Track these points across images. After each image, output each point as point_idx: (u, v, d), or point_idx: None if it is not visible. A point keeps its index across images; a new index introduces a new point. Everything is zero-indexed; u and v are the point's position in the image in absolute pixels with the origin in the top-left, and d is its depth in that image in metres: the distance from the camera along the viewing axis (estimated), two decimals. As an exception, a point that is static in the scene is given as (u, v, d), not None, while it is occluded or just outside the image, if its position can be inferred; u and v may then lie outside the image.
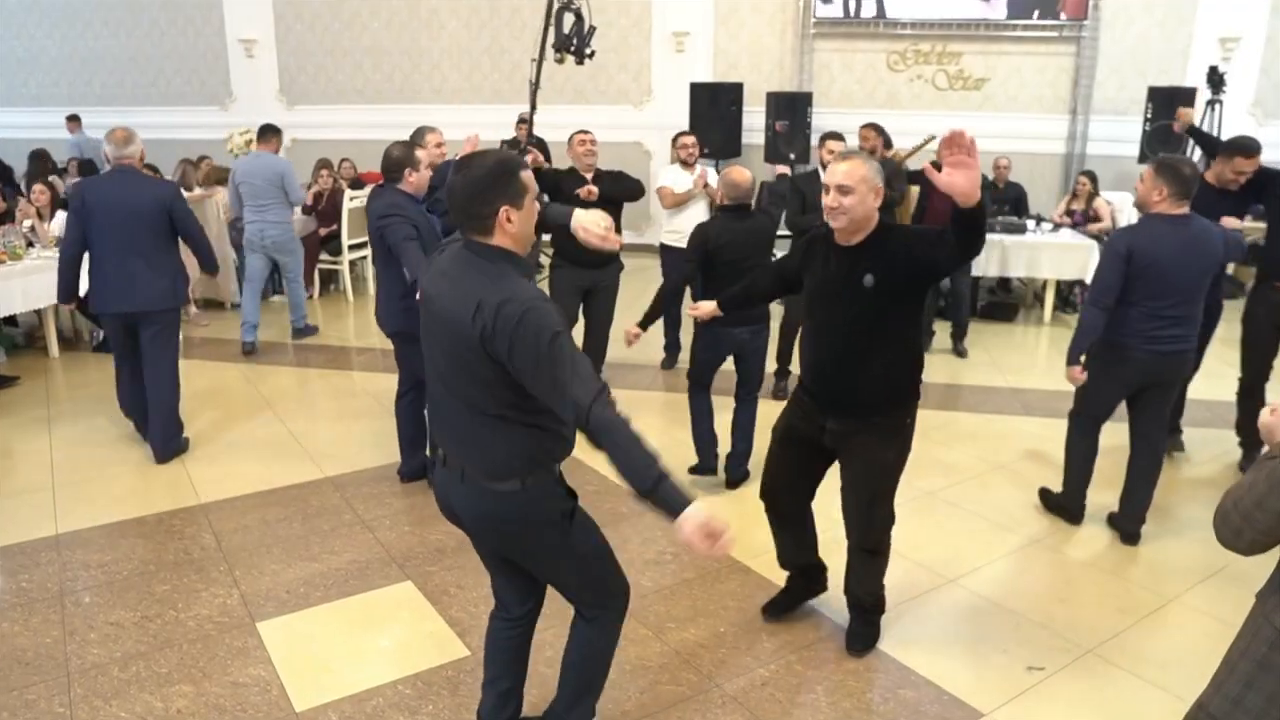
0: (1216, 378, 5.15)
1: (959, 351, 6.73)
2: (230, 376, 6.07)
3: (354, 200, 8.08)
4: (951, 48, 9.81)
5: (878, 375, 2.80)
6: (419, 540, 3.84)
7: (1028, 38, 9.62)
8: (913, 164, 6.85)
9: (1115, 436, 4.12)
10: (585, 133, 5.43)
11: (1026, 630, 3.28)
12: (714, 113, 9.58)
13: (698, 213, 5.93)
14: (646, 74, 10.70)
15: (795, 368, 3.72)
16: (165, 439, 4.65)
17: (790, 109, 9.51)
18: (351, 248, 8.18)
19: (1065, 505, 4.09)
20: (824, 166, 5.58)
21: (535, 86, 7.94)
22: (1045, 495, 4.23)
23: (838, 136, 5.66)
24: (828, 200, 2.68)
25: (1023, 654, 3.13)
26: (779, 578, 3.46)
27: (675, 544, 3.83)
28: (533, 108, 8.23)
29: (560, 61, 7.37)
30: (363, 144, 10.19)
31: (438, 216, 4.29)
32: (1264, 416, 1.91)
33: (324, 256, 8.25)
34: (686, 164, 5.95)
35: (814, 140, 9.55)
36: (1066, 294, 8.08)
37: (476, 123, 9.47)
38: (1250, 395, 4.65)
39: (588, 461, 4.31)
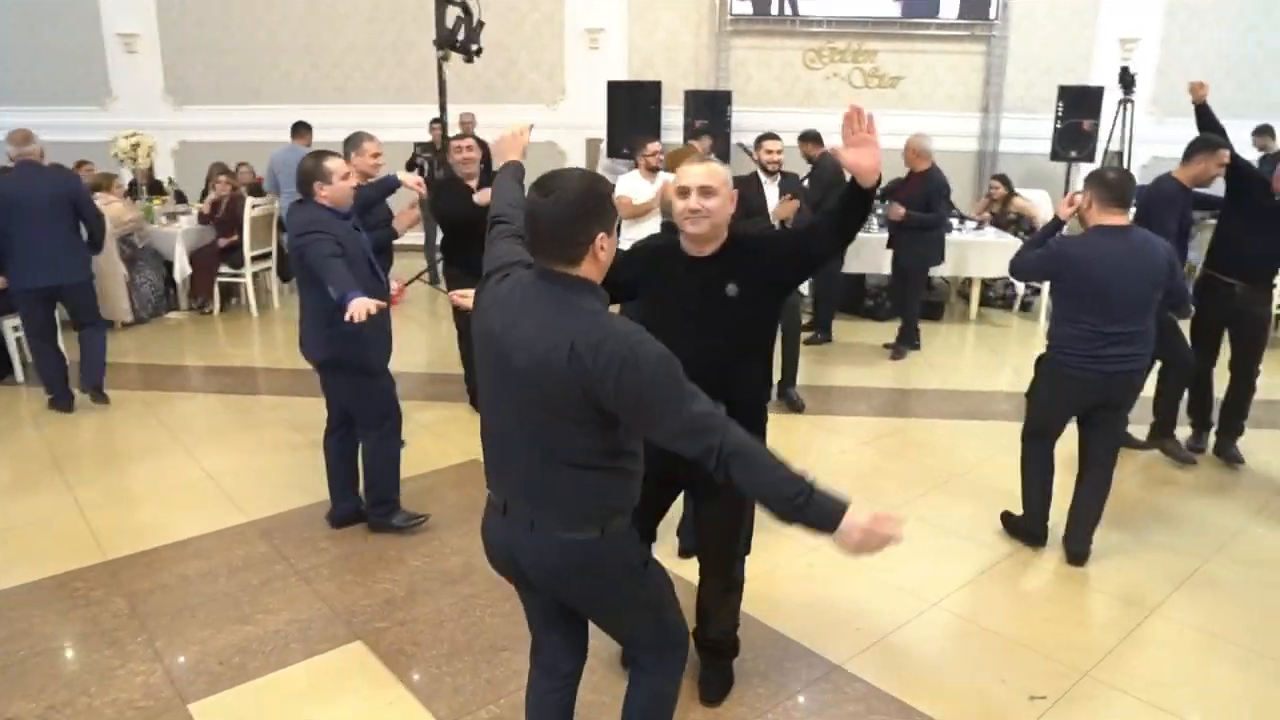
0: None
1: (897, 353, 6.68)
2: (127, 405, 5.52)
3: (256, 208, 7.54)
4: (867, 46, 9.85)
5: (740, 389, 2.58)
6: (364, 591, 3.49)
7: (940, 36, 9.73)
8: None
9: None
10: (463, 137, 5.21)
11: (1018, 654, 3.16)
12: (633, 112, 9.35)
13: (654, 224, 5.72)
14: (560, 72, 10.40)
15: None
16: (96, 377, 5.50)
17: (709, 107, 9.36)
18: (254, 259, 7.63)
19: (1027, 528, 3.91)
20: (764, 168, 5.44)
21: (441, 85, 7.58)
22: (1007, 519, 4.05)
23: (774, 136, 5.53)
24: (688, 203, 2.45)
25: (1021, 682, 3.01)
26: (772, 617, 3.27)
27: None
28: (442, 108, 7.88)
29: (444, 59, 7.03)
30: (261, 146, 9.53)
31: (368, 234, 3.94)
32: None
33: (224, 269, 7.67)
34: (653, 171, 5.71)
35: (734, 139, 9.51)
36: (1000, 293, 8.15)
37: (383, 124, 9.03)
38: (1201, 380, 4.83)
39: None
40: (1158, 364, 4.70)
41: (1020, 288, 7.75)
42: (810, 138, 7.09)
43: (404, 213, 4.84)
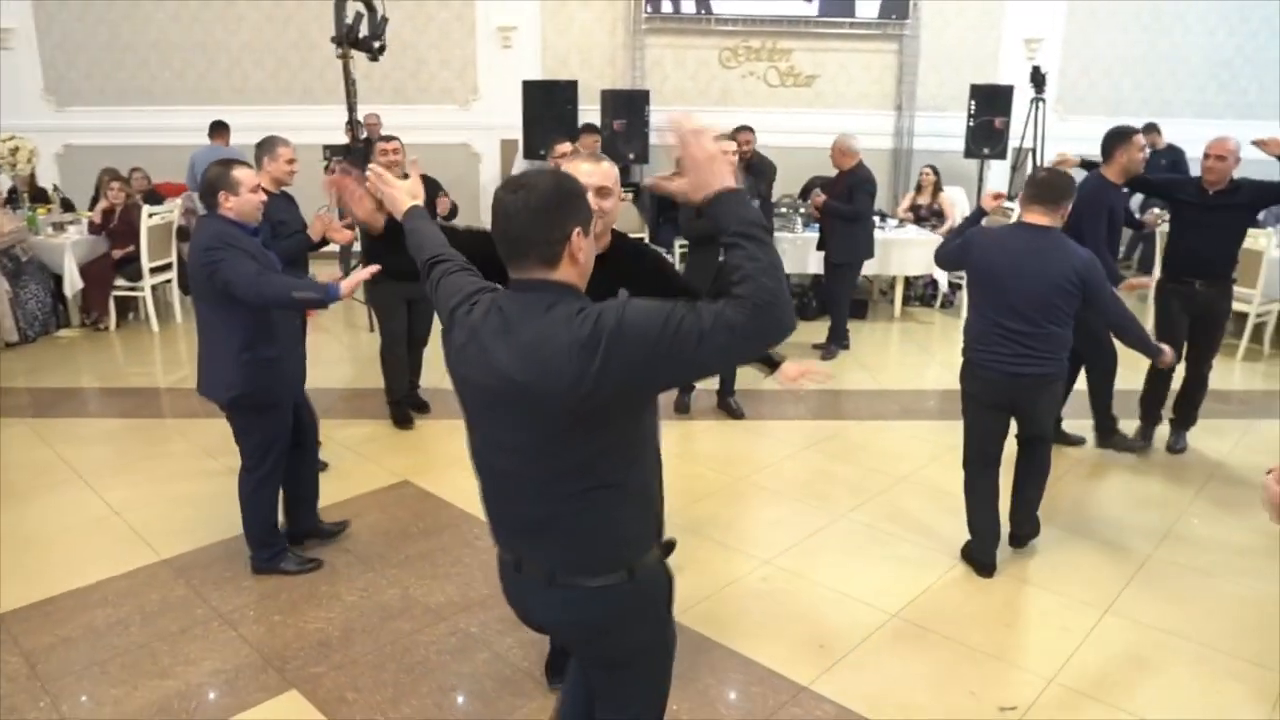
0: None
1: (828, 353, 6.68)
2: (15, 434, 5.06)
3: (153, 216, 7.07)
4: (781, 44, 9.86)
5: None
6: (295, 633, 3.22)
7: (853, 35, 9.81)
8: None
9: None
10: (388, 140, 4.99)
11: (984, 664, 3.12)
12: (549, 112, 9.13)
13: None
14: (472, 71, 10.10)
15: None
16: None
17: (628, 107, 9.22)
18: (153, 270, 7.15)
19: (972, 557, 3.76)
20: None
21: (350, 85, 7.24)
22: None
23: (729, 136, 5.47)
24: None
25: (990, 693, 2.96)
26: (732, 638, 3.18)
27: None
28: (351, 109, 7.54)
29: (345, 57, 6.71)
30: (154, 150, 9.06)
31: (275, 254, 3.65)
32: (1271, 486, 1.89)
33: (120, 282, 7.16)
34: None
35: (653, 139, 9.40)
36: (919, 292, 8.22)
37: (284, 125, 8.62)
38: (1161, 377, 4.87)
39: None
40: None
41: (943, 284, 7.84)
42: (746, 128, 7.09)
43: (319, 217, 4.55)
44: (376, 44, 7.01)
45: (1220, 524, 4.17)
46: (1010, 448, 3.74)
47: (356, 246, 7.25)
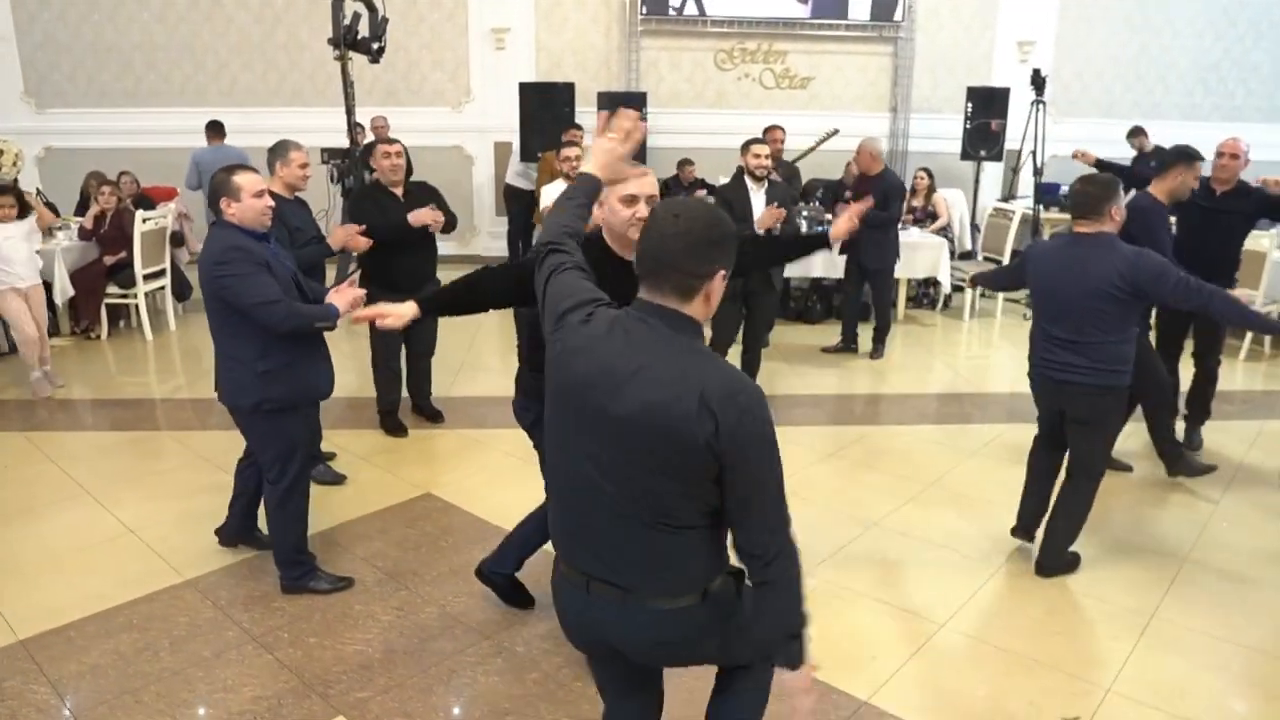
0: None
1: (876, 353, 6.71)
2: (16, 449, 4.88)
3: (147, 222, 6.88)
4: (777, 46, 9.84)
5: None
6: (334, 655, 3.11)
7: (848, 37, 9.81)
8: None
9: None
10: (391, 142, 4.90)
11: (1038, 673, 3.07)
12: (546, 114, 9.03)
13: None
14: (464, 73, 9.99)
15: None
16: None
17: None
18: (146, 277, 6.96)
19: (1014, 528, 3.89)
20: (751, 173, 5.28)
21: (348, 87, 7.09)
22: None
23: (762, 141, 5.45)
24: (638, 211, 2.43)
25: (1049, 704, 2.91)
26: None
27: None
28: (349, 111, 7.39)
29: (340, 59, 6.59)
30: (138, 153, 8.89)
31: (291, 262, 3.54)
32: None
33: (111, 289, 6.96)
34: (570, 179, 5.40)
35: (649, 142, 9.33)
36: (912, 293, 8.21)
37: (277, 128, 8.48)
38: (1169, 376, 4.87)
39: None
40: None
41: (945, 286, 7.83)
42: (777, 127, 7.18)
43: (341, 227, 4.46)
44: (376, 45, 6.87)
45: (1247, 527, 4.17)
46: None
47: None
